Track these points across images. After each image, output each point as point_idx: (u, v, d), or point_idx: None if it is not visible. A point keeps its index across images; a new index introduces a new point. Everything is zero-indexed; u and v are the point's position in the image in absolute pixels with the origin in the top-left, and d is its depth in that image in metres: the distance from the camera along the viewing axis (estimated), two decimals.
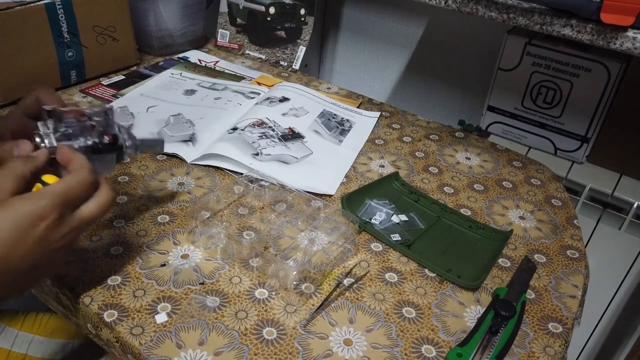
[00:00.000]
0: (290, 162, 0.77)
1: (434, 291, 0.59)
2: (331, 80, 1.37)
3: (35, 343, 0.74)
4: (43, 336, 0.75)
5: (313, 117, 0.89)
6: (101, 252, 0.60)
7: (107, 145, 0.53)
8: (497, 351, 0.51)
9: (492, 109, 1.03)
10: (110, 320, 0.52)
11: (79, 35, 0.90)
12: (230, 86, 0.98)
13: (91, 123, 0.53)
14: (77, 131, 0.52)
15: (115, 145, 0.54)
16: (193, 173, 0.75)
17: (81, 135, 0.52)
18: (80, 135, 0.52)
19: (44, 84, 0.88)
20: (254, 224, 0.66)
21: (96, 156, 0.52)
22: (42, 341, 0.75)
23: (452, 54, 1.15)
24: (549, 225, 0.71)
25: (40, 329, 0.76)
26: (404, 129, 0.90)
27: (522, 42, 0.94)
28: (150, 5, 1.02)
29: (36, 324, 0.76)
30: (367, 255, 0.63)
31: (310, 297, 0.56)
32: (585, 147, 0.96)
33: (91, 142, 0.52)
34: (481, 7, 0.77)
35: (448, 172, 0.80)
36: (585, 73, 0.90)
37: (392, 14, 1.19)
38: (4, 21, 0.79)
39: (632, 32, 0.67)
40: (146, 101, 0.91)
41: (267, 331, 0.52)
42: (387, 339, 0.53)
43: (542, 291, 0.60)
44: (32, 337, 0.75)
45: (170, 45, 1.08)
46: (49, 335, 0.75)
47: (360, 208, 0.70)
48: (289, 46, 1.11)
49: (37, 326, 0.76)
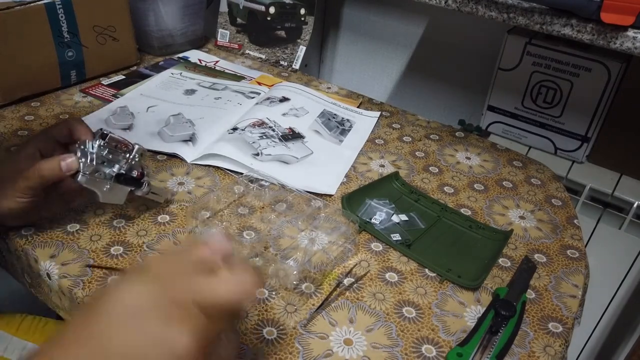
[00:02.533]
0: (291, 162, 0.77)
1: (434, 291, 0.59)
2: (331, 80, 1.37)
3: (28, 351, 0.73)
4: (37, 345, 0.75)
5: (313, 117, 0.89)
6: (101, 252, 0.60)
7: (132, 179, 0.60)
8: (497, 351, 0.51)
9: (492, 108, 1.03)
10: None
11: (79, 35, 0.90)
12: (230, 86, 0.98)
13: (125, 155, 0.60)
14: (114, 158, 0.59)
15: (139, 181, 0.61)
16: (193, 173, 0.75)
17: (116, 162, 0.59)
18: (115, 162, 0.59)
19: (44, 83, 0.89)
20: (254, 224, 0.66)
21: (115, 185, 0.59)
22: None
23: (452, 54, 1.15)
24: (549, 225, 0.71)
25: (36, 335, 0.75)
26: (404, 129, 0.90)
27: (522, 42, 0.94)
28: (150, 5, 1.02)
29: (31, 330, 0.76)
30: (367, 255, 0.63)
31: (310, 296, 0.56)
32: (585, 147, 0.96)
33: (122, 171, 0.59)
34: (481, 7, 0.77)
35: (448, 172, 0.80)
36: (585, 73, 0.90)
37: (392, 14, 1.19)
38: (4, 21, 0.79)
39: (632, 32, 0.67)
40: (146, 101, 0.91)
41: (267, 331, 0.52)
42: (387, 339, 0.53)
43: (542, 291, 0.60)
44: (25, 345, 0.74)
45: (170, 45, 1.08)
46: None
47: (361, 208, 0.70)
48: (289, 46, 1.11)
49: (33, 332, 0.75)
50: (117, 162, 0.59)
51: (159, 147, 0.78)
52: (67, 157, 0.55)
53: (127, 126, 0.83)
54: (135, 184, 0.61)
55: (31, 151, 0.57)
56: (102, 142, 0.58)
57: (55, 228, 0.62)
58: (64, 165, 0.55)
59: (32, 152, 0.57)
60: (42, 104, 0.88)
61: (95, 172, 0.57)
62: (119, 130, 0.81)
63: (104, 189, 0.58)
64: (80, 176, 0.56)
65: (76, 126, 0.59)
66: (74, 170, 0.56)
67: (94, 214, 0.65)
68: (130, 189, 0.61)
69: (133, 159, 0.60)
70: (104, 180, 0.58)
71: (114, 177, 0.58)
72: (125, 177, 0.59)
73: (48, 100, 0.89)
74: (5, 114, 0.84)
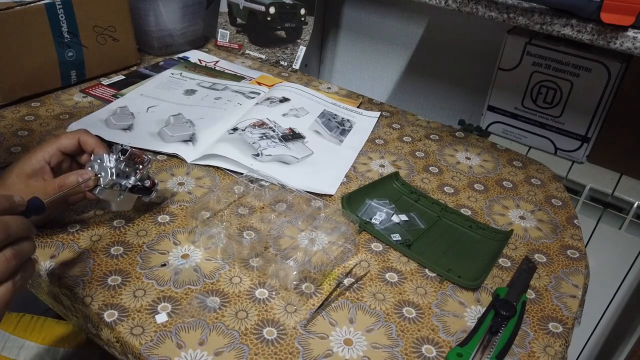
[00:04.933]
0: (291, 163, 0.77)
1: (434, 291, 0.59)
2: (331, 80, 1.37)
3: (25, 349, 0.73)
4: (35, 342, 0.75)
5: (313, 118, 0.89)
6: (101, 252, 0.60)
7: (144, 188, 0.62)
8: (497, 351, 0.51)
9: (492, 108, 1.03)
10: (110, 320, 0.52)
11: (79, 35, 0.90)
12: (230, 86, 0.98)
13: (139, 167, 0.61)
14: (129, 171, 0.60)
15: (150, 190, 0.63)
16: (193, 173, 0.75)
17: (130, 174, 0.60)
18: (129, 174, 0.60)
19: (44, 83, 0.89)
20: (254, 224, 0.66)
21: (128, 194, 0.60)
22: (33, 347, 0.74)
23: (452, 54, 1.15)
24: (549, 225, 0.71)
25: (34, 334, 0.75)
26: (404, 129, 0.90)
27: (522, 42, 0.94)
28: (150, 5, 1.02)
29: (29, 329, 0.76)
30: (367, 255, 0.63)
31: (310, 297, 0.56)
32: (585, 147, 0.96)
33: (137, 183, 0.61)
34: (481, 7, 0.77)
35: (448, 172, 0.80)
36: (585, 73, 0.90)
37: (392, 14, 1.19)
38: (4, 21, 0.79)
39: (632, 32, 0.67)
40: (146, 101, 0.91)
41: (267, 331, 0.52)
42: (388, 339, 0.53)
43: (542, 291, 0.60)
44: (23, 343, 0.74)
45: (170, 45, 1.08)
46: (41, 342, 0.75)
47: (361, 208, 0.70)
48: (289, 46, 1.11)
49: (31, 331, 0.75)
50: (131, 173, 0.60)
51: (159, 147, 0.78)
52: (85, 174, 0.56)
53: (127, 126, 0.83)
54: (146, 193, 0.63)
55: (40, 165, 0.57)
56: (121, 156, 0.59)
57: (55, 228, 0.62)
58: (83, 181, 0.56)
59: (41, 165, 0.57)
60: (42, 104, 0.88)
61: (113, 185, 0.58)
62: (119, 130, 0.81)
63: (117, 200, 0.60)
64: (98, 190, 0.57)
65: (87, 139, 0.59)
66: (92, 186, 0.57)
67: (94, 214, 0.65)
68: (139, 195, 0.62)
69: (145, 169, 0.61)
70: (119, 191, 0.59)
71: (129, 189, 0.60)
72: (138, 187, 0.61)
73: (48, 101, 0.89)
74: (5, 114, 0.84)
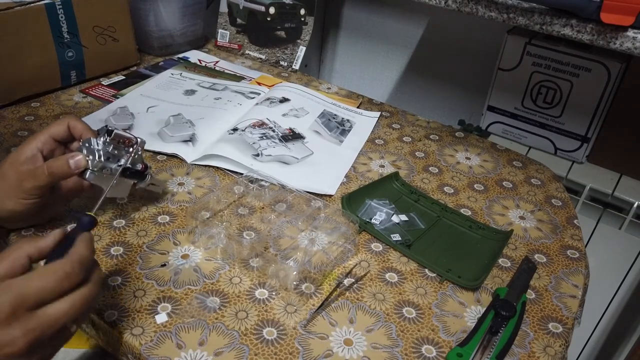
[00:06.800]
0: (291, 163, 0.77)
1: (434, 291, 0.59)
2: (331, 80, 1.37)
3: None
4: None
5: (313, 118, 0.89)
6: (101, 252, 0.60)
7: (137, 172, 0.61)
8: (497, 351, 0.51)
9: (492, 109, 1.03)
10: (110, 321, 0.52)
11: (79, 35, 0.90)
12: (230, 86, 0.98)
13: (129, 149, 0.60)
14: (118, 153, 0.59)
15: (143, 174, 0.62)
16: (193, 173, 0.75)
17: (120, 157, 0.59)
18: (119, 157, 0.59)
19: (44, 84, 0.89)
20: (254, 224, 0.66)
21: (121, 179, 0.60)
22: None
23: (452, 54, 1.15)
24: (549, 225, 0.71)
25: None
26: (404, 129, 0.90)
27: (522, 42, 0.94)
28: (150, 6, 1.02)
29: None
30: (367, 255, 0.63)
31: (310, 297, 0.56)
32: (585, 147, 0.96)
33: (128, 165, 0.59)
34: (481, 7, 0.77)
35: (448, 172, 0.80)
36: (585, 73, 0.90)
37: (392, 14, 1.19)
38: (4, 21, 0.79)
39: (632, 32, 0.67)
40: (146, 101, 0.91)
41: (267, 331, 0.52)
42: (388, 339, 0.53)
43: (542, 291, 0.60)
44: None
45: (170, 46, 1.08)
46: None
47: (361, 208, 0.70)
48: (289, 46, 1.11)
49: None
50: (121, 156, 0.60)
51: (159, 148, 0.78)
52: (75, 155, 0.56)
53: (127, 127, 0.83)
54: (139, 177, 0.62)
55: (32, 152, 0.57)
56: (107, 138, 0.58)
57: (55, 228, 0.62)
58: (73, 163, 0.56)
59: (33, 153, 0.57)
60: (42, 104, 0.88)
61: (102, 168, 0.58)
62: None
63: (110, 184, 0.58)
64: (88, 173, 0.57)
65: (76, 124, 0.59)
66: (82, 167, 0.56)
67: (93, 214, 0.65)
68: (134, 181, 0.62)
69: (136, 152, 0.61)
70: (110, 176, 0.58)
71: (120, 172, 0.59)
72: (130, 171, 0.60)
73: (48, 101, 0.89)
74: (5, 114, 0.84)
